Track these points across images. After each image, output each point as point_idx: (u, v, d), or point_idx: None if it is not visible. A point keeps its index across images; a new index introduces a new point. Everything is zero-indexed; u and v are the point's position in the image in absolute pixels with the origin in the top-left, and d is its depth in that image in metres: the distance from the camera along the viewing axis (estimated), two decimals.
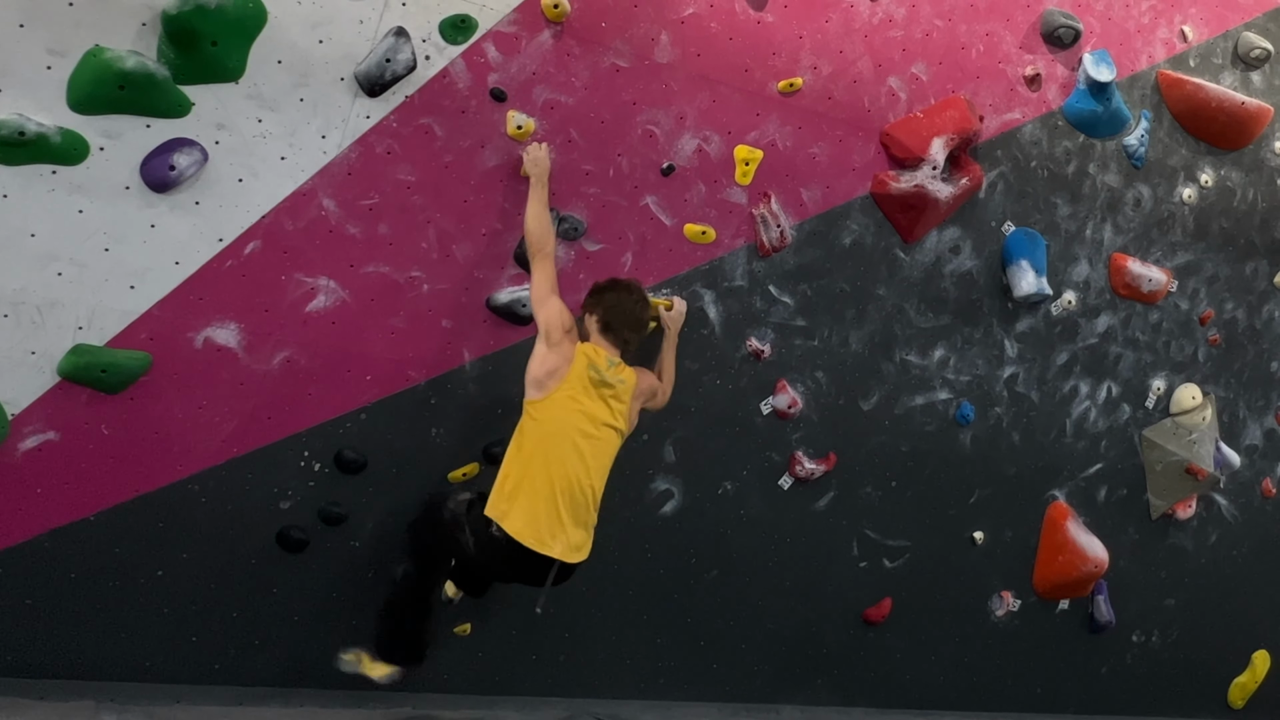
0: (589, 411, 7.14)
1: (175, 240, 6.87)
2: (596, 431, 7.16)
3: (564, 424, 7.06)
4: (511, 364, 7.81)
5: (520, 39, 7.73)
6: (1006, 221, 9.87)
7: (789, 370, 9.05)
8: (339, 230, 7.31)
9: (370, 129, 7.35)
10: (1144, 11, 10.46)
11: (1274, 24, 11.39)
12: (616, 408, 7.29)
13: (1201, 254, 11.13)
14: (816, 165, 8.90)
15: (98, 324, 6.73)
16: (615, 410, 7.29)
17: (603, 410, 7.19)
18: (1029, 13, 9.79)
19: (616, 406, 7.29)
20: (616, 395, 7.27)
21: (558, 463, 7.01)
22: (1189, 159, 10.90)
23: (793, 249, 8.89)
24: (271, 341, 7.22)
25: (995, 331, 10.00)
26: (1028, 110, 9.86)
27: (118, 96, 6.56)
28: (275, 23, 6.98)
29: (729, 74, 8.45)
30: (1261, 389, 11.88)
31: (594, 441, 7.16)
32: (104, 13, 6.49)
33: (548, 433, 7.04)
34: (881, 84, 9.12)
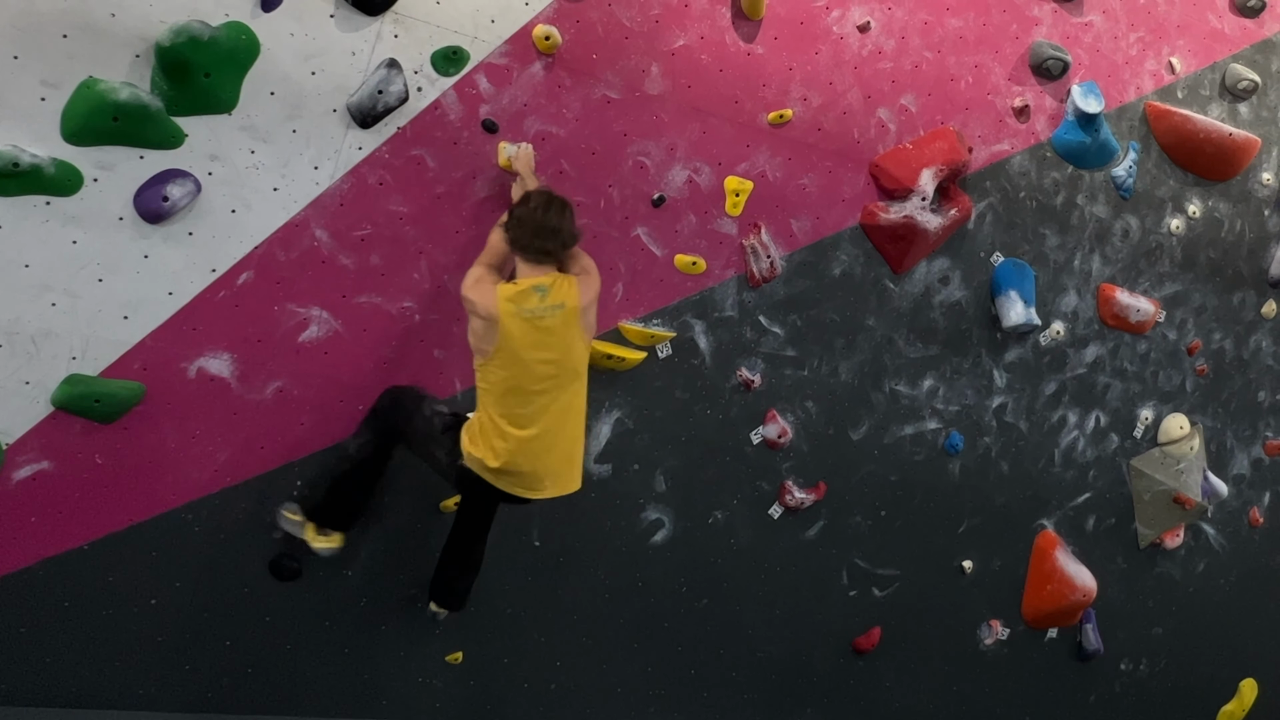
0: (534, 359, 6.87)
1: (168, 271, 6.89)
2: (550, 373, 6.94)
3: (516, 377, 6.86)
4: None
5: (512, 70, 7.76)
6: (995, 252, 9.92)
7: (779, 400, 9.08)
8: (331, 261, 7.33)
9: (362, 160, 7.38)
10: (1132, 44, 10.52)
11: (1261, 56, 11.45)
12: (559, 341, 6.94)
13: (1189, 284, 11.18)
14: (806, 196, 8.94)
15: (91, 354, 6.74)
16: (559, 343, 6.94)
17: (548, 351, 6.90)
18: (1018, 45, 9.86)
19: (559, 340, 6.93)
20: (553, 328, 6.89)
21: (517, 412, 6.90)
22: (1177, 190, 10.96)
23: (783, 279, 8.92)
24: (264, 371, 7.23)
25: (984, 361, 10.04)
26: (1016, 141, 9.92)
27: (111, 128, 6.58)
28: (268, 54, 7.01)
29: (719, 105, 8.49)
30: (1249, 419, 11.93)
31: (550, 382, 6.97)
32: (98, 45, 6.51)
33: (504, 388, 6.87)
34: (871, 115, 9.17)
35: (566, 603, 8.50)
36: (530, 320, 6.78)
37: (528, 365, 6.81)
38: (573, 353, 7.01)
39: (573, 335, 6.97)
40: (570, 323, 6.93)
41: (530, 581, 8.35)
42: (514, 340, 6.77)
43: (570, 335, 6.95)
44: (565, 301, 6.88)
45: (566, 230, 7.01)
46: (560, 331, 6.89)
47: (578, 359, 7.06)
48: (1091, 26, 10.29)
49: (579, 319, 6.98)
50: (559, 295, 6.88)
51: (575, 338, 7.00)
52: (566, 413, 7.07)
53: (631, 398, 8.45)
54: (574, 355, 7.02)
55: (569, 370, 7.00)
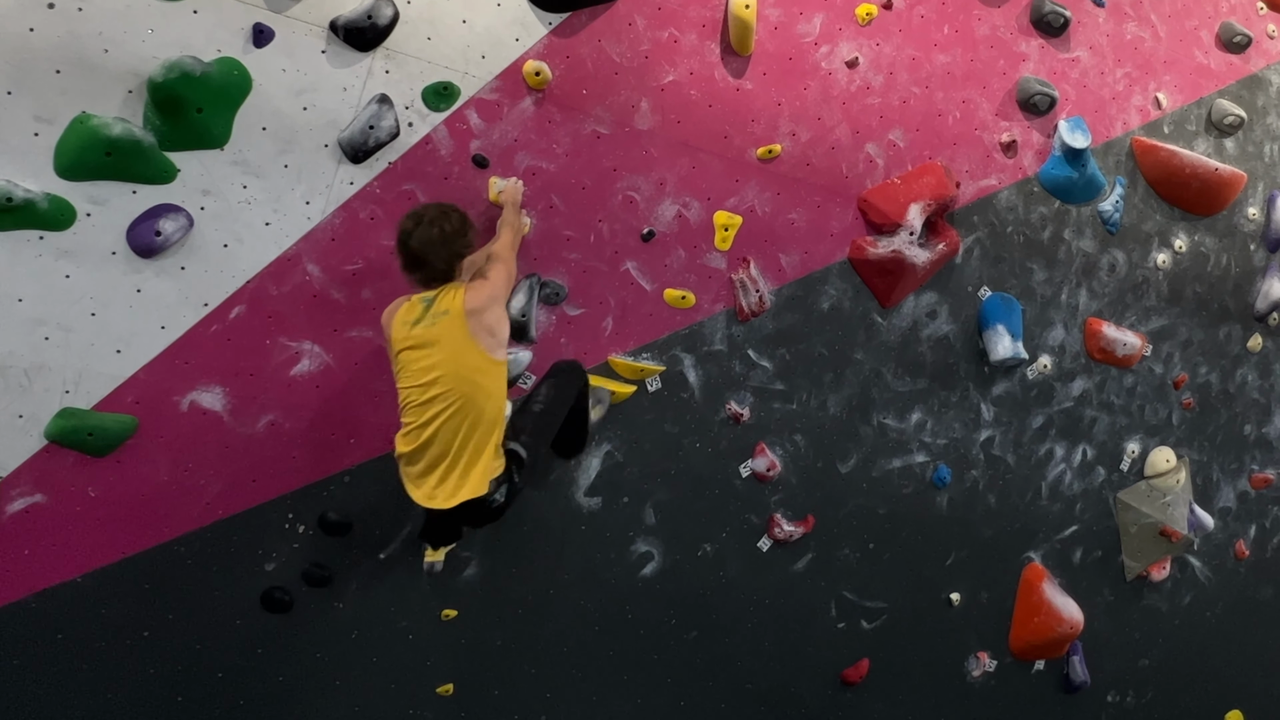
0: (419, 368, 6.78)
1: (161, 305, 6.92)
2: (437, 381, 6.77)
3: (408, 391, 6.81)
4: None
5: (502, 106, 7.81)
6: (983, 286, 9.96)
7: (768, 433, 9.10)
8: (323, 295, 7.37)
9: (354, 195, 7.42)
10: (1119, 79, 10.58)
11: (1247, 91, 11.52)
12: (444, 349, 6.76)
13: (1175, 319, 11.22)
14: (795, 231, 8.98)
15: (85, 388, 6.77)
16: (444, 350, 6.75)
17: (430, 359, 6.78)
18: (1005, 80, 9.91)
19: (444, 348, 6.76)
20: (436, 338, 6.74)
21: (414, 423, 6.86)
22: (1163, 225, 11.00)
23: (771, 314, 8.96)
24: (256, 405, 7.26)
25: (972, 395, 10.07)
26: (1004, 176, 9.97)
27: (104, 163, 6.63)
28: (260, 90, 7.06)
29: (708, 140, 8.54)
30: (1235, 452, 11.96)
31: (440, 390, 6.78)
32: (91, 80, 6.57)
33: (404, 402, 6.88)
34: (859, 150, 9.21)
35: (556, 635, 8.51)
36: (414, 331, 6.76)
37: (414, 375, 6.79)
38: (462, 359, 6.78)
39: (458, 341, 6.76)
40: (455, 329, 6.74)
41: (520, 613, 8.36)
42: (401, 354, 6.81)
43: (456, 342, 6.76)
44: (449, 309, 6.75)
45: (435, 257, 6.81)
46: (445, 340, 6.74)
47: (470, 366, 6.81)
48: (1078, 62, 10.35)
49: (465, 324, 6.74)
50: (444, 304, 6.78)
51: (463, 344, 6.77)
52: (463, 422, 6.82)
53: (621, 431, 8.48)
54: (463, 362, 6.79)
55: (461, 379, 6.78)
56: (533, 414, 7.38)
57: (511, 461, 7.08)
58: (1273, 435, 12.30)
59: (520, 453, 7.14)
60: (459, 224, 6.90)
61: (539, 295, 8.01)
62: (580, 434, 7.97)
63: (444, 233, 6.78)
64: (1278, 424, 12.32)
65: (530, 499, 8.18)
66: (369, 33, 7.32)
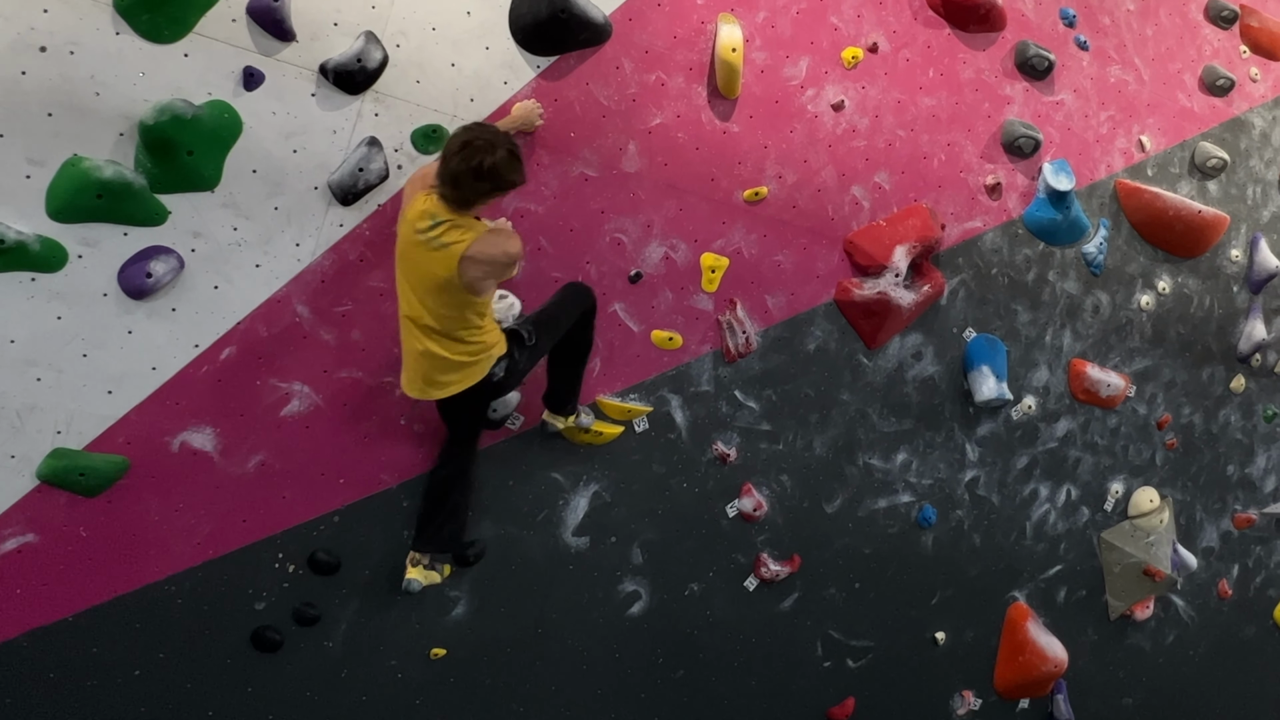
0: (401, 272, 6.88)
1: (152, 346, 6.94)
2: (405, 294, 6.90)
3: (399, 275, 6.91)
4: (483, 468, 7.89)
5: None
6: (968, 328, 10.01)
7: (754, 474, 9.13)
8: (313, 336, 7.39)
9: (343, 237, 7.45)
10: (1103, 122, 10.65)
11: (1230, 134, 11.59)
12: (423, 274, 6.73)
13: (1159, 359, 11.29)
14: (781, 272, 9.02)
15: (76, 428, 6.79)
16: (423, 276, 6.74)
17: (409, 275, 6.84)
18: (990, 123, 9.99)
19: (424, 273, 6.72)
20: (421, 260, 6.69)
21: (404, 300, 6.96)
22: (1147, 266, 11.06)
23: (758, 355, 9.00)
24: (246, 445, 7.28)
25: (957, 435, 10.11)
26: (989, 218, 10.03)
27: (96, 205, 6.65)
28: (250, 133, 7.09)
29: (696, 183, 8.58)
30: (1218, 492, 12.01)
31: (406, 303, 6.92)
32: (82, 123, 6.60)
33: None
34: (845, 193, 9.27)
35: (544, 674, 8.52)
36: (415, 238, 6.66)
37: (399, 273, 6.89)
38: (434, 296, 6.76)
39: (438, 278, 6.67)
40: (447, 263, 6.60)
41: (509, 652, 8.36)
42: (399, 242, 6.84)
43: (434, 276, 6.67)
44: (451, 246, 6.59)
45: (467, 185, 6.53)
46: (435, 264, 6.63)
47: (434, 306, 6.78)
48: (1063, 105, 10.42)
49: (455, 266, 6.59)
50: (451, 237, 6.59)
51: (440, 283, 6.68)
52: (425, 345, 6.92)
53: (609, 471, 8.50)
54: (432, 300, 6.77)
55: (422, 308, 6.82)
56: (539, 311, 7.55)
57: (513, 341, 7.19)
58: (1255, 475, 12.35)
59: (522, 333, 7.25)
60: (504, 163, 6.55)
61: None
62: (580, 353, 7.89)
63: (482, 168, 6.46)
64: (1260, 464, 12.38)
65: (518, 539, 8.23)
66: (358, 76, 7.36)
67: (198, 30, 6.88)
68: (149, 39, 6.75)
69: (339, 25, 7.32)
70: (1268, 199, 12.04)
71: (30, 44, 6.44)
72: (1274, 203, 12.10)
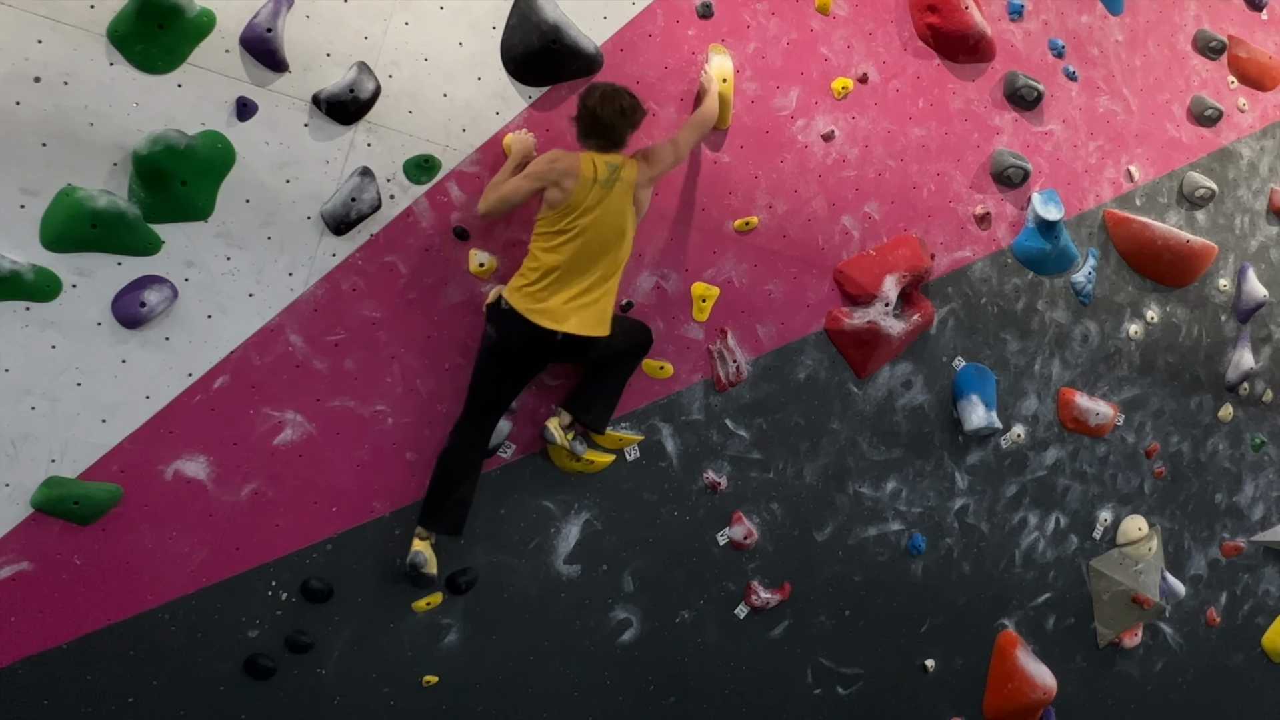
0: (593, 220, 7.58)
1: (146, 375, 6.96)
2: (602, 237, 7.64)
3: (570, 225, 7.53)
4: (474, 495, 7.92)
5: (482, 179, 7.86)
6: (957, 357, 10.03)
7: (745, 502, 9.14)
8: (306, 365, 7.41)
9: (336, 266, 7.47)
10: (1091, 152, 10.71)
11: (1218, 164, 11.65)
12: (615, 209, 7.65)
13: (1147, 389, 11.31)
14: (772, 302, 9.05)
15: (70, 457, 6.80)
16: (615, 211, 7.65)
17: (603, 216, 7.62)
18: (979, 153, 10.03)
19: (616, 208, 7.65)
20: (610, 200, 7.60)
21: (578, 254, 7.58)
22: (1135, 296, 11.10)
23: (749, 384, 9.01)
24: (240, 474, 7.28)
25: (946, 464, 10.13)
26: (978, 248, 10.07)
27: (90, 235, 6.67)
28: (243, 163, 7.12)
29: (686, 212, 8.62)
30: (1206, 520, 12.03)
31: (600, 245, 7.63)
32: (76, 153, 6.63)
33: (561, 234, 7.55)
34: (835, 222, 9.30)
35: (536, 701, 8.52)
36: (594, 189, 7.50)
37: (578, 216, 7.52)
38: (621, 218, 7.68)
39: (623, 204, 7.66)
40: (624, 195, 7.63)
41: (500, 680, 8.36)
42: (574, 199, 7.49)
43: (621, 204, 7.65)
44: (625, 178, 7.62)
45: (620, 127, 7.65)
46: (614, 201, 7.60)
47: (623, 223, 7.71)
48: (1051, 135, 10.48)
49: (630, 193, 7.67)
50: (624, 173, 7.64)
51: (625, 207, 7.68)
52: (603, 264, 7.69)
53: (600, 499, 8.52)
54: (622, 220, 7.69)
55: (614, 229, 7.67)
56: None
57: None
58: (1243, 504, 12.37)
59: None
60: (634, 101, 7.72)
61: None
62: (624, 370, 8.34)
63: (623, 108, 7.63)
64: (1248, 492, 12.40)
65: (510, 567, 8.23)
66: (351, 106, 7.39)
67: (191, 61, 6.93)
68: (143, 69, 6.80)
69: (332, 56, 7.37)
70: (1255, 229, 12.09)
71: (25, 74, 6.48)
72: (1262, 232, 12.15)
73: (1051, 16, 10.61)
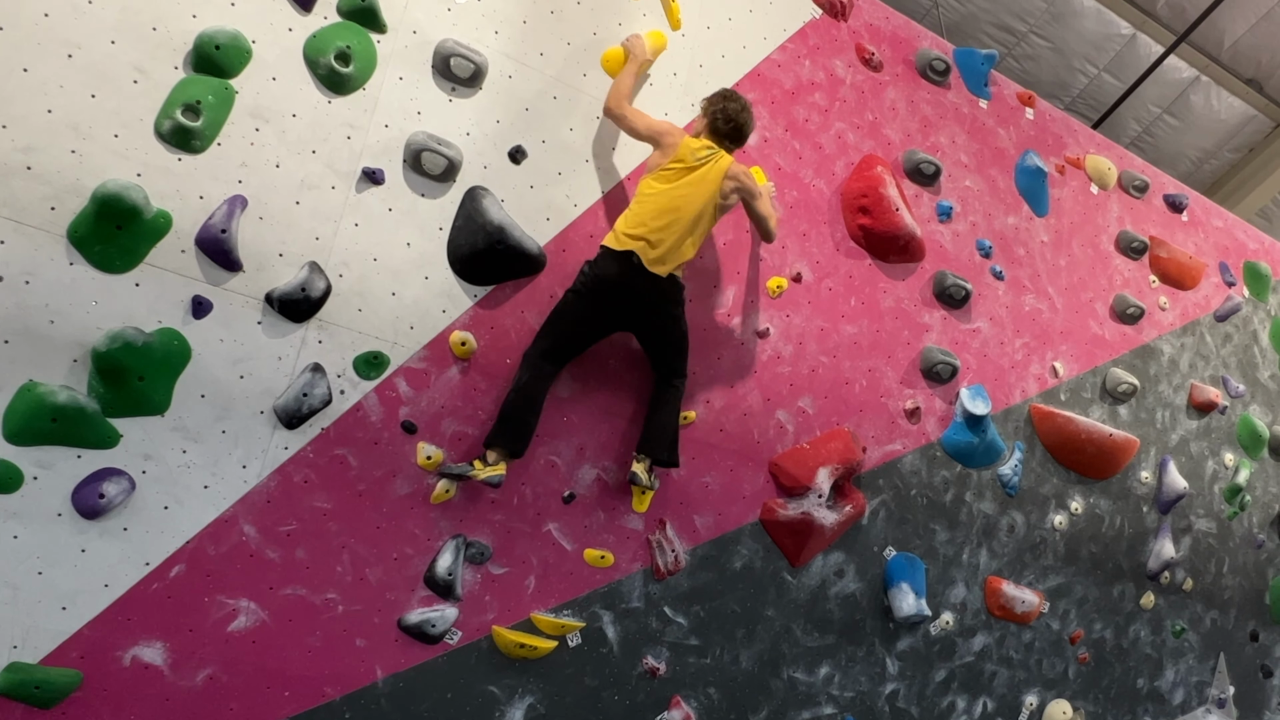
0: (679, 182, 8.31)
1: (105, 564, 7.03)
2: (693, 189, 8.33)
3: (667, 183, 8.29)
4: (422, 681, 8.03)
5: (429, 374, 8.06)
6: (888, 546, 10.21)
7: (683, 686, 9.20)
8: (259, 555, 7.50)
9: (288, 459, 7.60)
10: (1018, 349, 11.02)
11: (1140, 360, 11.98)
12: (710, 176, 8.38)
13: (1072, 577, 11.53)
14: (709, 493, 9.21)
15: (31, 643, 6.85)
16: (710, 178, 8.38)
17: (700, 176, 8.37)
18: (909, 350, 10.32)
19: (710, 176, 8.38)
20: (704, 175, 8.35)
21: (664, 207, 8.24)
22: (1060, 487, 11.37)
23: (687, 572, 9.13)
24: (195, 660, 7.32)
25: (878, 650, 10.24)
26: (908, 441, 10.30)
27: (50, 429, 6.82)
28: (198, 359, 7.29)
29: (627, 407, 8.80)
30: (1128, 704, 12.19)
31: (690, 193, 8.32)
32: (37, 349, 6.80)
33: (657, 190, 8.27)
34: (770, 417, 9.51)
35: None
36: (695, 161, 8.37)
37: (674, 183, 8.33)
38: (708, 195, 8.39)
39: (712, 184, 8.40)
40: (715, 177, 8.40)
41: None
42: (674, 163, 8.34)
43: (710, 184, 8.39)
44: (719, 164, 8.43)
45: (746, 133, 8.73)
46: (706, 178, 8.38)
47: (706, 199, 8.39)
48: (979, 332, 10.79)
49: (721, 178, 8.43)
50: (720, 158, 8.47)
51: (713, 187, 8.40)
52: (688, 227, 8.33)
53: (543, 684, 8.57)
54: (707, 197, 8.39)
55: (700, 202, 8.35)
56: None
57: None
58: (1164, 688, 12.54)
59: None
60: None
61: (465, 555, 8.16)
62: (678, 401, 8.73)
63: (750, 114, 8.73)
64: (1169, 678, 12.58)
65: None
66: (303, 304, 7.59)
67: (148, 261, 7.14)
68: (101, 269, 7.00)
69: (284, 256, 7.58)
70: (1176, 423, 12.41)
71: None
72: (1182, 426, 12.47)
73: (979, 218, 10.97)
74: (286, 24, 7.70)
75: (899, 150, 10.55)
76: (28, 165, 6.81)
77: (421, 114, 8.17)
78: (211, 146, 7.38)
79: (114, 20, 7.10)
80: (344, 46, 7.81)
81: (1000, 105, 11.41)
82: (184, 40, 7.33)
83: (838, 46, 10.30)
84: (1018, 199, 11.36)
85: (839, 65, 10.26)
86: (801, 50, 10.02)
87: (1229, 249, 13.59)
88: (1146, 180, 12.56)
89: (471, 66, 8.29)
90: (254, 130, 7.54)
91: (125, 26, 7.14)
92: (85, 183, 6.97)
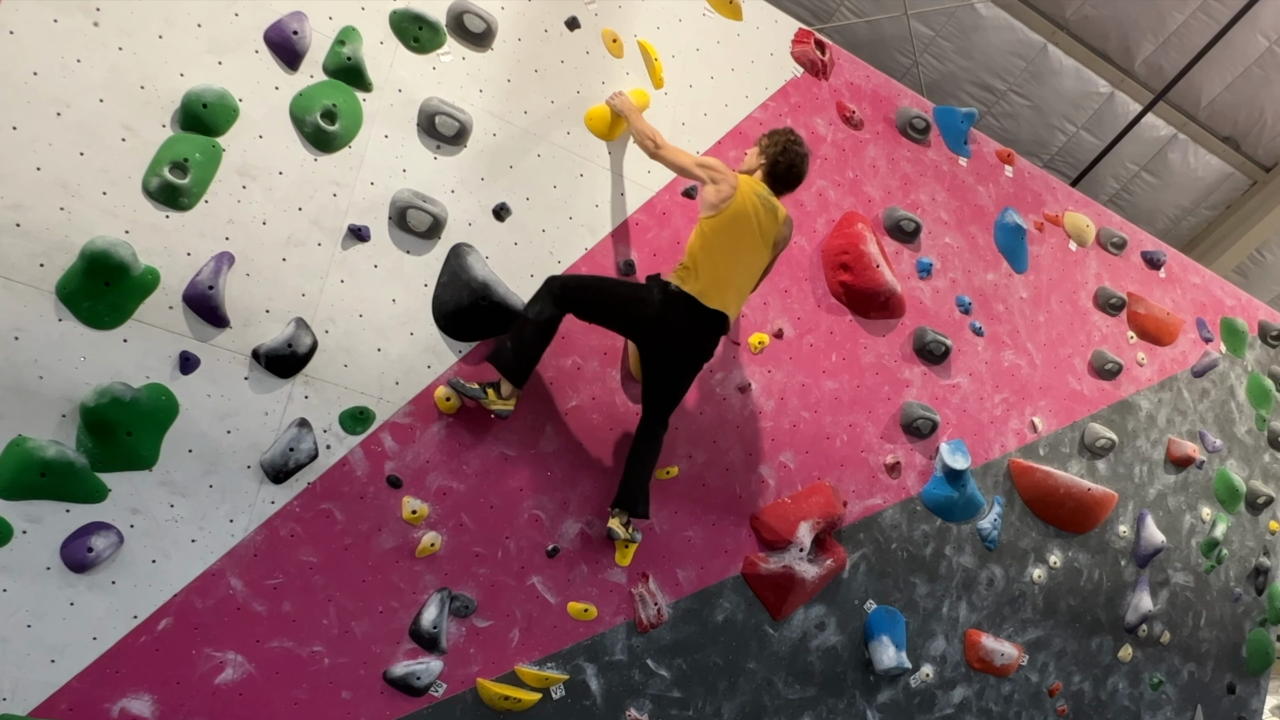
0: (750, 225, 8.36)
1: (93, 617, 7.05)
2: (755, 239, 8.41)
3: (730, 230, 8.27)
4: None
5: (415, 429, 8.10)
6: (869, 600, 10.26)
7: None
8: (246, 608, 7.52)
9: (275, 513, 7.63)
10: (997, 404, 11.11)
11: (1118, 415, 12.07)
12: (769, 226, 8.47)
13: (1050, 630, 11.59)
14: (691, 547, 9.25)
15: (20, 695, 6.87)
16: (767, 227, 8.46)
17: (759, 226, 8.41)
18: (889, 405, 10.39)
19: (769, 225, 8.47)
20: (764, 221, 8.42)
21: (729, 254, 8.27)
22: (1039, 541, 11.43)
23: (669, 625, 9.17)
24: (183, 712, 7.32)
25: (858, 702, 10.27)
26: (888, 496, 10.36)
27: (39, 483, 6.84)
28: (186, 414, 7.33)
29: (610, 462, 8.84)
30: None
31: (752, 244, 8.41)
32: (26, 405, 6.83)
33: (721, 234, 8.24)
34: (752, 471, 9.57)
35: None
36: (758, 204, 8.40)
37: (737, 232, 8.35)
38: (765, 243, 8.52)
39: (770, 233, 8.52)
40: (773, 227, 8.52)
41: None
42: (736, 207, 8.30)
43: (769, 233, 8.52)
44: (779, 215, 8.55)
45: (800, 181, 8.80)
46: (766, 229, 8.47)
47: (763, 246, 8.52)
48: (959, 388, 10.88)
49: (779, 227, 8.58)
50: (780, 210, 8.57)
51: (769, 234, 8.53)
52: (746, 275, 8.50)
53: None
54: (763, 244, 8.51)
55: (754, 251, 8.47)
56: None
57: None
58: None
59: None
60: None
61: (450, 608, 8.18)
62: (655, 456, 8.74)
63: (808, 161, 8.85)
64: None
65: None
66: (289, 360, 7.64)
67: (136, 317, 7.18)
68: (89, 325, 7.04)
69: (270, 312, 7.63)
70: (1154, 477, 12.49)
71: None
72: (1160, 481, 12.55)
73: (959, 274, 11.07)
74: (273, 82, 7.76)
75: (879, 207, 10.64)
76: (17, 222, 6.85)
77: (407, 171, 8.22)
78: (199, 204, 7.43)
79: (102, 79, 7.16)
80: (330, 105, 7.88)
81: (980, 163, 11.52)
82: (171, 98, 7.38)
83: (819, 105, 10.39)
84: (997, 256, 11.46)
85: (820, 123, 10.35)
86: (783, 108, 10.11)
87: (1206, 305, 13.69)
88: (1124, 237, 12.66)
89: (456, 124, 8.35)
90: (241, 188, 7.59)
91: (113, 85, 7.19)
92: (74, 239, 7.01)
